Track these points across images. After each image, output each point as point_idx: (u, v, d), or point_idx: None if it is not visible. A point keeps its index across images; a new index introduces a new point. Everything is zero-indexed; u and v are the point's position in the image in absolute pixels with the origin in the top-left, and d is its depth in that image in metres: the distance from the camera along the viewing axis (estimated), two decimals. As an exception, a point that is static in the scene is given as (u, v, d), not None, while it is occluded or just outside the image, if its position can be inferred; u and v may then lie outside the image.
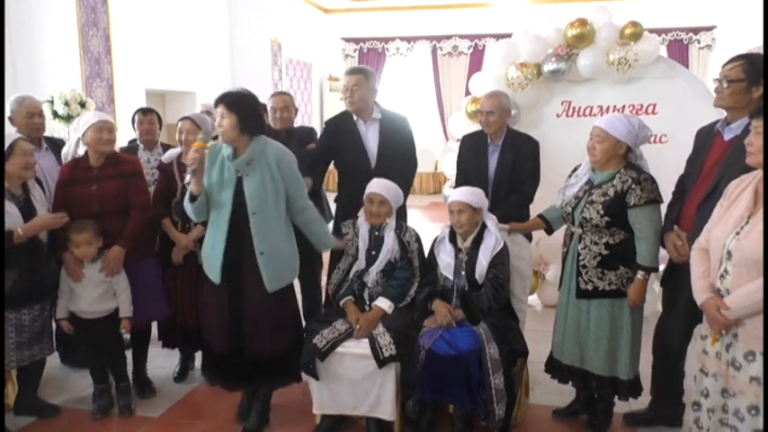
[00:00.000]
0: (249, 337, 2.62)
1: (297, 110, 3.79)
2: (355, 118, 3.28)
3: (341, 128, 3.33)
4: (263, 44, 8.89)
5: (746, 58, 2.34)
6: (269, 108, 3.63)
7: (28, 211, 2.67)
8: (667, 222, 2.60)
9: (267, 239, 2.56)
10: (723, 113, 2.51)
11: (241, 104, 2.51)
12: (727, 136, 2.40)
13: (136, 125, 3.73)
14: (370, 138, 3.27)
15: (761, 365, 1.81)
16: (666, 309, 2.72)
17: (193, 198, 2.57)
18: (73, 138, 3.02)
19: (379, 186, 2.85)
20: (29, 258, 2.67)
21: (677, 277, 2.52)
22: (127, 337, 3.21)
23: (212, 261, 2.60)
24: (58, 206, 2.88)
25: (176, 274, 3.14)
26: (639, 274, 2.50)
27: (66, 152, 3.12)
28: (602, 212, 2.49)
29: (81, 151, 3.04)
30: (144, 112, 3.71)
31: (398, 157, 3.27)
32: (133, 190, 2.96)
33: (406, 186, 3.26)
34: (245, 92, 2.60)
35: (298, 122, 3.89)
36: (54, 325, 2.96)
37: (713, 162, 2.42)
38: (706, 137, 2.53)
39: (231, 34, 8.81)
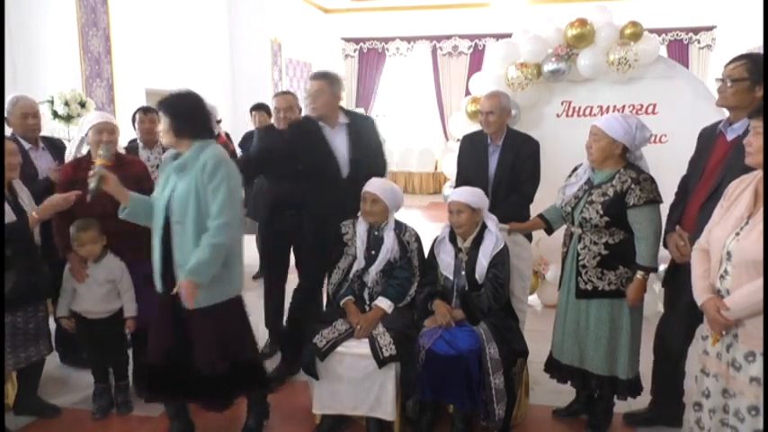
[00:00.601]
0: (189, 349, 2.46)
1: (301, 109, 3.78)
2: (321, 124, 3.09)
3: (306, 134, 3.11)
4: (263, 44, 8.89)
5: (749, 58, 2.34)
6: (272, 108, 3.63)
7: (18, 214, 2.65)
8: (670, 222, 2.61)
9: (185, 253, 2.34)
10: (723, 113, 2.51)
11: (175, 106, 2.37)
12: (730, 136, 2.39)
13: (137, 124, 3.74)
14: (339, 144, 3.09)
15: (761, 366, 1.81)
16: (668, 309, 2.73)
17: (123, 209, 2.47)
18: (77, 137, 3.02)
19: (373, 185, 2.84)
20: (26, 260, 2.67)
21: (678, 278, 2.53)
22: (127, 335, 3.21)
23: (155, 267, 2.47)
24: None
25: (176, 274, 3.13)
26: (639, 274, 2.50)
27: (69, 152, 3.11)
28: (601, 212, 2.49)
29: (84, 151, 3.04)
30: (145, 110, 3.74)
31: (370, 163, 3.11)
32: (146, 193, 2.93)
33: None
34: (183, 93, 2.43)
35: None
36: (54, 325, 2.96)
37: (716, 162, 2.42)
38: (709, 137, 2.53)
39: (231, 34, 8.81)
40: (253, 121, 4.94)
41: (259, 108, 4.95)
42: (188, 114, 2.39)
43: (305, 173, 3.14)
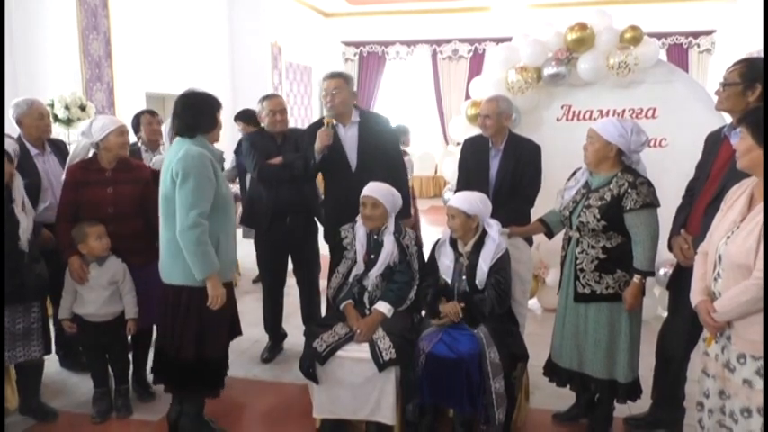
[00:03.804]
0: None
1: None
2: (335, 123, 3.20)
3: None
4: (263, 48, 8.90)
5: (745, 62, 2.35)
6: (266, 111, 3.53)
7: (3, 212, 2.63)
8: (675, 226, 2.61)
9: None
10: (723, 117, 2.52)
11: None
12: (734, 140, 2.39)
13: (143, 126, 3.80)
14: (349, 141, 3.21)
15: (751, 368, 1.83)
16: (671, 313, 2.73)
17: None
18: (83, 142, 3.01)
19: (371, 189, 2.84)
20: (9, 260, 2.63)
21: (682, 281, 2.52)
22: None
23: None
24: (67, 207, 2.87)
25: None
26: (636, 278, 2.50)
27: (75, 155, 3.09)
28: (598, 216, 2.49)
29: (90, 154, 3.04)
30: (152, 113, 3.80)
31: (381, 159, 3.20)
32: (154, 197, 2.92)
33: (404, 195, 3.17)
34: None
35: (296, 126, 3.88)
36: (54, 327, 2.95)
37: (720, 166, 2.43)
38: (714, 141, 2.55)
39: (231, 38, 8.83)
40: (242, 130, 4.86)
41: (244, 117, 4.89)
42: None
43: (317, 170, 3.26)
